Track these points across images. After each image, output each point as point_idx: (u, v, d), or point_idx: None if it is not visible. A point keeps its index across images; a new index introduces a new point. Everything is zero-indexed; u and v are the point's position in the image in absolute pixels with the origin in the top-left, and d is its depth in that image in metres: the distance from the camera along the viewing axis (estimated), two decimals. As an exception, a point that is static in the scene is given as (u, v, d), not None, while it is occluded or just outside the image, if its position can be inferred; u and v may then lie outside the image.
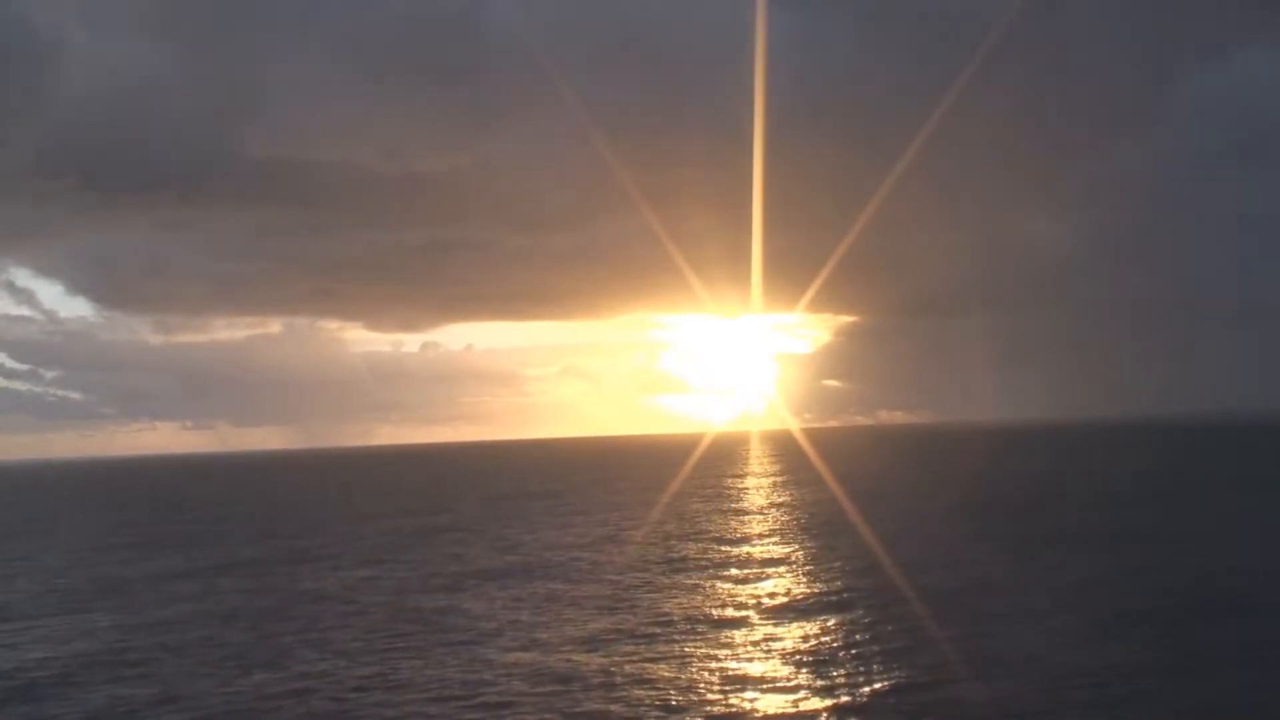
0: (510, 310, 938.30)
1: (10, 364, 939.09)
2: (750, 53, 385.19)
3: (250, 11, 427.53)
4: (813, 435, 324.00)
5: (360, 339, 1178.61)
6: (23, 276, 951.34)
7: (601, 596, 38.45)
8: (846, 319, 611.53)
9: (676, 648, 29.84)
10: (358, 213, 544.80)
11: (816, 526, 59.70)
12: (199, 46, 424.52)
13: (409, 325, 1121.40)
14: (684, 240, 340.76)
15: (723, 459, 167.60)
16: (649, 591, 39.31)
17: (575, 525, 65.81)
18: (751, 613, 34.64)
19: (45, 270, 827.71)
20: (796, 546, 51.12)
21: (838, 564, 44.65)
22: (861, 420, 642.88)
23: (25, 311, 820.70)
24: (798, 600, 36.71)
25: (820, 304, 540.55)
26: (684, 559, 47.80)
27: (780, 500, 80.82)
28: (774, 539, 54.55)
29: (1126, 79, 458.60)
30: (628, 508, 78.17)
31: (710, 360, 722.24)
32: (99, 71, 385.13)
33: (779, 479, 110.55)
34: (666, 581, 41.46)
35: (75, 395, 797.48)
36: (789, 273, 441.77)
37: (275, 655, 30.74)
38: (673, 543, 54.24)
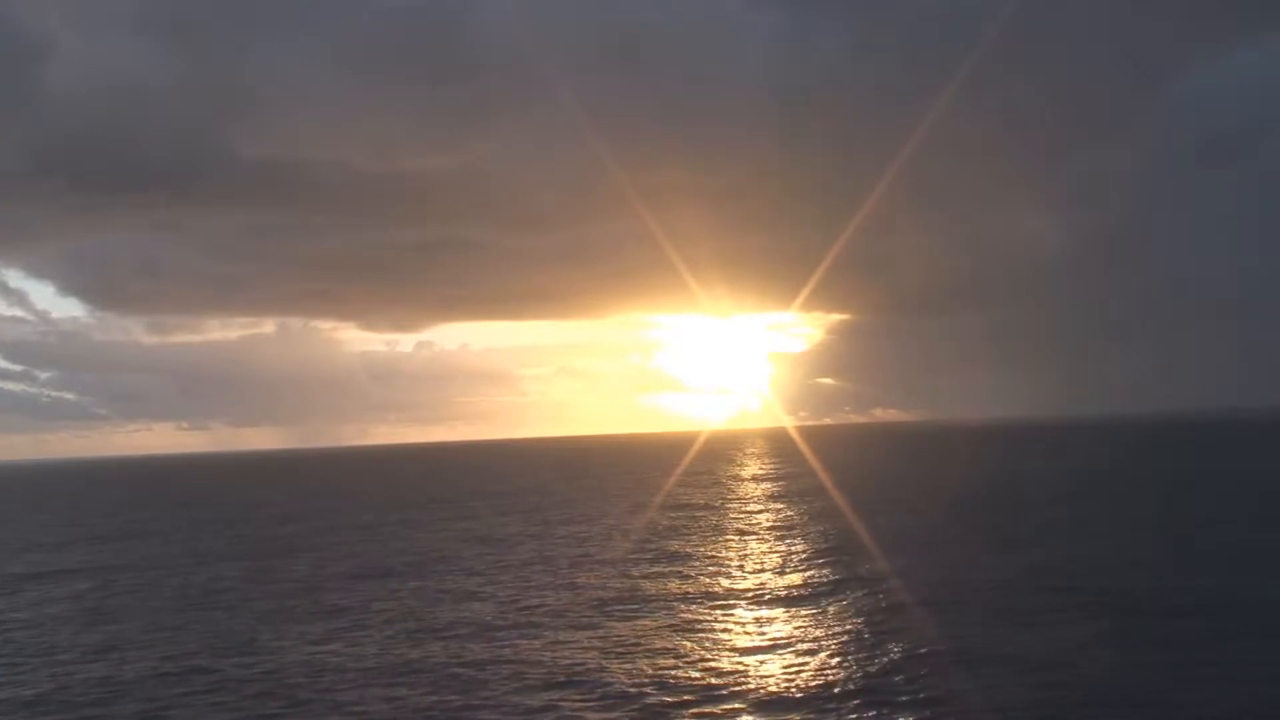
0: (505, 310, 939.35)
1: (4, 365, 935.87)
2: (741, 53, 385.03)
3: (241, 12, 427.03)
4: (807, 433, 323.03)
5: (354, 339, 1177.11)
6: (14, 277, 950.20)
7: (454, 598, 37.53)
8: (838, 317, 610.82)
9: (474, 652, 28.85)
10: (350, 213, 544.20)
11: (731, 527, 58.62)
12: (190, 47, 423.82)
13: (403, 325, 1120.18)
14: (678, 240, 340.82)
15: (716, 457, 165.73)
16: (498, 596, 38.14)
17: (502, 524, 64.74)
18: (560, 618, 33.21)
19: (36, 271, 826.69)
20: (690, 549, 49.94)
21: (700, 565, 43.59)
22: (856, 418, 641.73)
23: (18, 312, 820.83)
24: (598, 604, 35.14)
25: (812, 302, 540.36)
26: (578, 558, 46.78)
27: (718, 499, 79.66)
28: (687, 540, 53.35)
29: (1115, 79, 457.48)
30: (577, 504, 77.16)
31: (705, 359, 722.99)
32: (89, 72, 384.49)
33: (753, 477, 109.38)
34: (534, 581, 40.41)
35: (70, 396, 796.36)
36: (781, 271, 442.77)
37: (111, 662, 29.81)
38: (582, 543, 53.17)
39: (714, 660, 26.77)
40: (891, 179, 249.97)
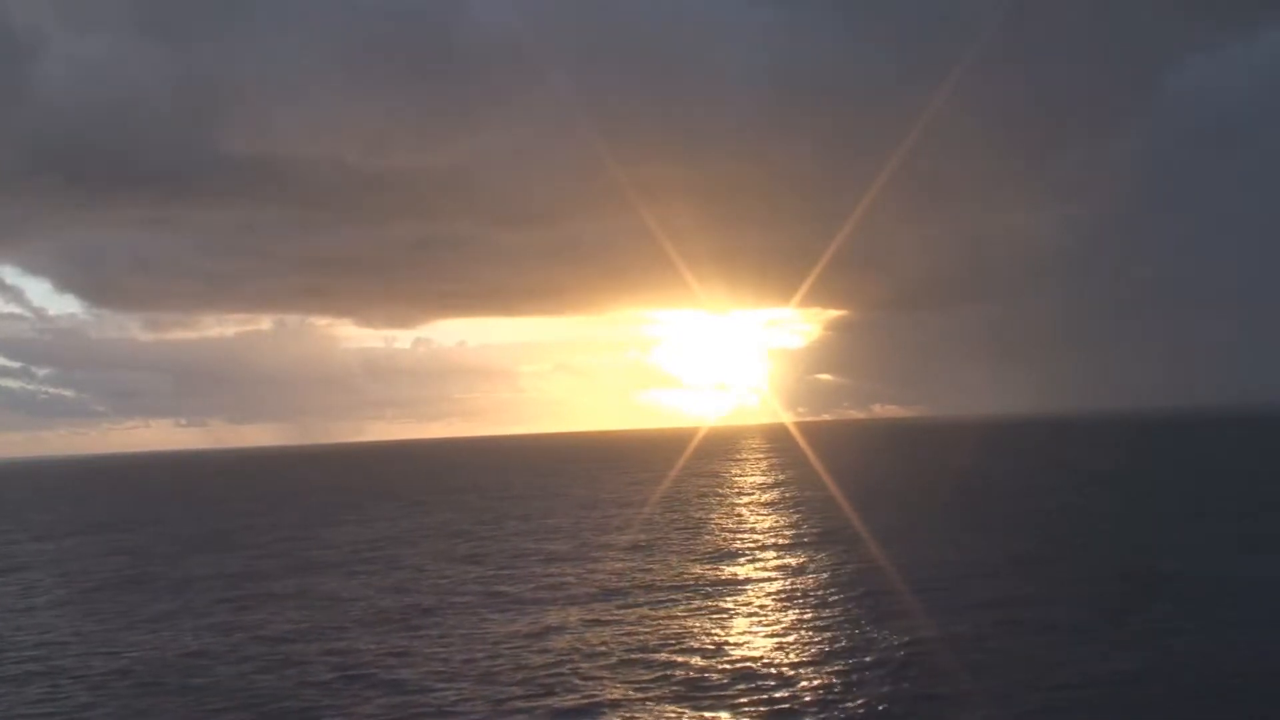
0: (502, 306, 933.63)
1: (2, 362, 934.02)
2: (737, 48, 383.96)
3: (233, 9, 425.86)
4: (806, 429, 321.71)
5: (351, 335, 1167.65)
6: (10, 274, 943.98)
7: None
8: (835, 313, 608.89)
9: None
10: (345, 209, 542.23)
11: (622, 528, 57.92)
12: (182, 44, 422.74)
13: (400, 321, 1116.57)
14: (674, 236, 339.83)
15: (712, 453, 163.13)
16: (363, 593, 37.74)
17: (450, 522, 64.26)
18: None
19: (32, 268, 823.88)
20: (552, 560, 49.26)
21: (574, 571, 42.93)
22: (855, 414, 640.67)
23: (15, 309, 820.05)
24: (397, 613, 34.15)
25: (809, 298, 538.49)
26: (511, 556, 46.31)
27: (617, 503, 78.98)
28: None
29: (1110, 74, 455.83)
30: (534, 500, 76.61)
31: (703, 355, 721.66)
32: (83, 70, 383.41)
33: (721, 472, 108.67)
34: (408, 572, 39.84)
35: (67, 393, 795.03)
36: (778, 267, 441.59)
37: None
38: (512, 539, 52.64)
39: (572, 660, 26.18)
40: (888, 174, 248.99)
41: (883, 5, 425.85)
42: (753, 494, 76.37)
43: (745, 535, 50.22)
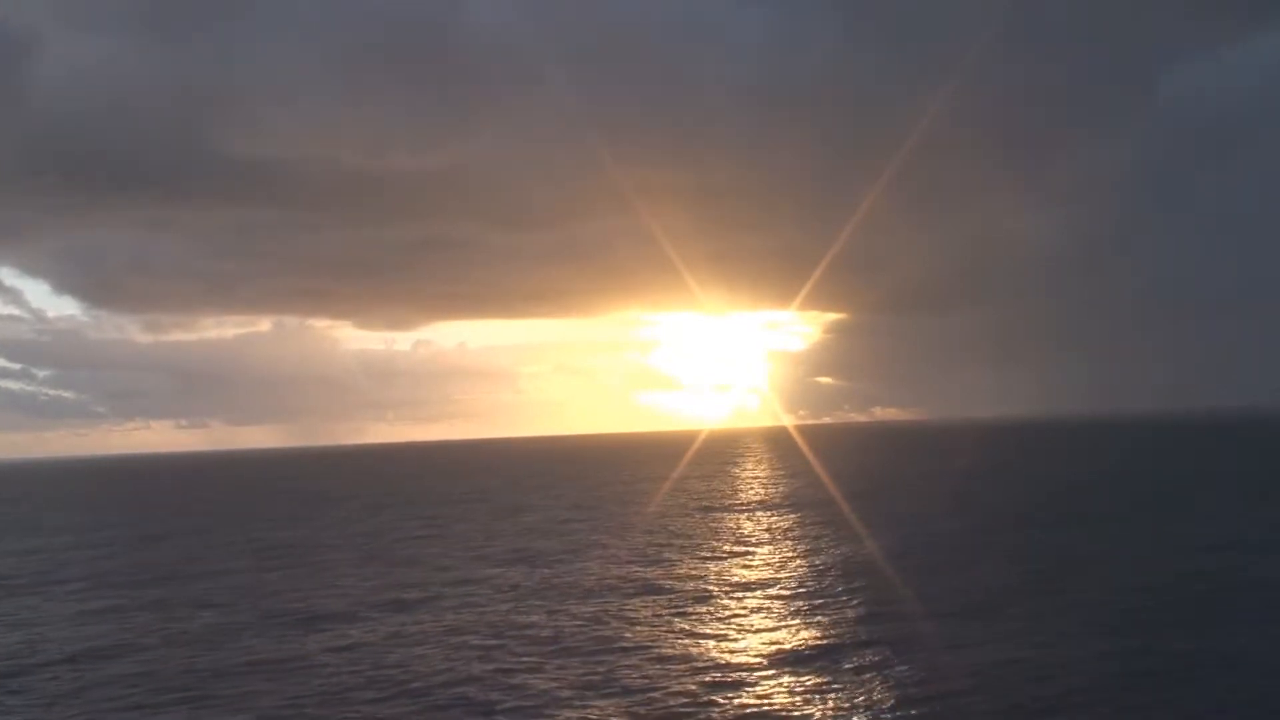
0: (501, 308, 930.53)
1: (3, 363, 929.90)
2: (733, 51, 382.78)
3: (233, 10, 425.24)
4: (807, 432, 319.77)
5: (351, 337, 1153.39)
6: (9, 275, 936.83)
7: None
8: (834, 316, 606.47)
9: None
10: (344, 211, 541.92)
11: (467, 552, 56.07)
12: (182, 45, 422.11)
13: (400, 323, 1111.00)
14: (672, 238, 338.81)
15: (713, 457, 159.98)
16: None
17: (395, 531, 62.45)
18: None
19: (31, 269, 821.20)
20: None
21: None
22: (856, 417, 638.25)
23: (14, 311, 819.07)
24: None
25: (808, 301, 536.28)
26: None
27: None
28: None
29: (1110, 75, 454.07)
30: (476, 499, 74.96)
31: (702, 357, 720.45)
32: (82, 70, 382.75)
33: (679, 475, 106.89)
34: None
35: (68, 394, 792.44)
36: (775, 270, 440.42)
37: None
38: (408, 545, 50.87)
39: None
40: (886, 177, 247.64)
41: (881, 8, 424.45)
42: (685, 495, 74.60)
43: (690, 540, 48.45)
